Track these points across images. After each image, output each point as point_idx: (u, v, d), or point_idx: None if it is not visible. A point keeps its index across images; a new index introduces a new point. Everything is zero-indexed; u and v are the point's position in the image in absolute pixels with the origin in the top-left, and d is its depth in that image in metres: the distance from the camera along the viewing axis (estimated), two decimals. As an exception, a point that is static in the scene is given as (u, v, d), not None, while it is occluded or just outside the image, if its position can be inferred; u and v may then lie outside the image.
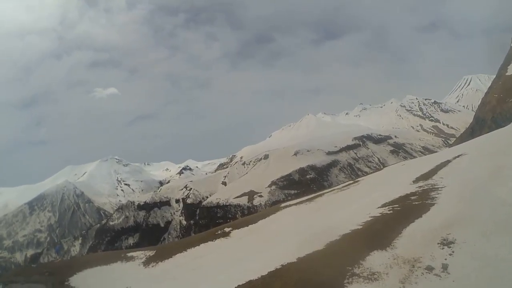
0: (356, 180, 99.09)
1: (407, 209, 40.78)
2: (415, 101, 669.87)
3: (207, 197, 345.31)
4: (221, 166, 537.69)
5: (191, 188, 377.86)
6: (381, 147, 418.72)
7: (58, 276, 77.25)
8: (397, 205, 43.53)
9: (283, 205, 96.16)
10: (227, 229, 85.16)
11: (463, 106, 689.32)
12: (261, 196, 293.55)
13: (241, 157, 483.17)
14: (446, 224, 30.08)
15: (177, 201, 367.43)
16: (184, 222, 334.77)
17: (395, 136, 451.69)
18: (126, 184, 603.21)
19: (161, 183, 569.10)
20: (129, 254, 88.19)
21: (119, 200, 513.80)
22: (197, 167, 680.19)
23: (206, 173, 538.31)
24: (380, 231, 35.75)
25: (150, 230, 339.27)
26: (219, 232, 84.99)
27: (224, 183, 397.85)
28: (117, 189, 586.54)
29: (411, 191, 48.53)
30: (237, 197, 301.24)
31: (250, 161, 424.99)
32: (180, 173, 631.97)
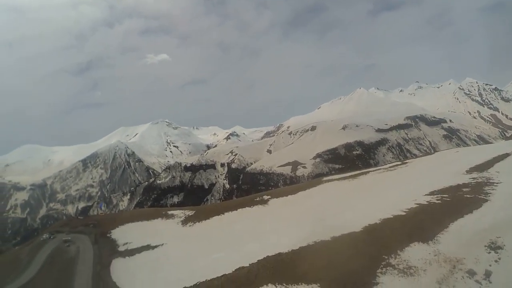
0: (405, 161, 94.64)
1: (457, 201, 37.79)
2: (474, 85, 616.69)
3: (252, 164, 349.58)
4: (268, 134, 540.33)
5: (237, 154, 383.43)
6: (434, 130, 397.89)
7: (101, 228, 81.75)
8: (446, 195, 40.49)
9: (325, 179, 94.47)
10: (266, 197, 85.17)
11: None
12: (304, 167, 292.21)
13: (288, 127, 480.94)
14: (497, 225, 27.05)
15: (222, 165, 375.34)
16: (227, 186, 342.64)
17: (450, 121, 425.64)
18: (174, 146, 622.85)
19: (208, 147, 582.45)
20: (170, 212, 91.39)
21: (167, 161, 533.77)
22: (244, 133, 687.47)
23: (253, 140, 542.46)
24: (425, 222, 33.47)
25: (195, 190, 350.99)
26: (257, 199, 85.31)
27: (269, 151, 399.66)
28: (166, 150, 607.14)
29: (464, 182, 45.27)
30: (281, 166, 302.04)
31: (297, 132, 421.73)
32: (227, 138, 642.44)
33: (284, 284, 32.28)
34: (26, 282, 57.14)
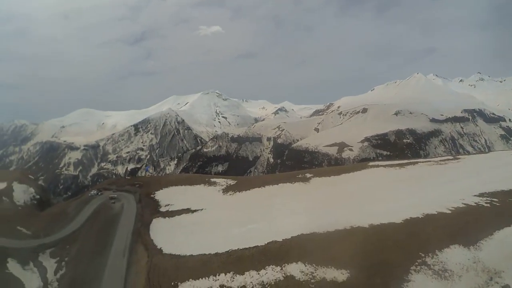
0: (457, 157, 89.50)
1: (507, 208, 35.30)
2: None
3: (298, 140, 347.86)
4: (317, 113, 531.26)
5: (284, 129, 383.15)
6: (492, 128, 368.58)
7: (146, 188, 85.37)
8: (496, 200, 37.90)
9: (371, 163, 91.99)
10: (308, 175, 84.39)
11: None
12: (351, 150, 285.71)
13: (338, 107, 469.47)
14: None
15: (268, 139, 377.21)
16: (271, 160, 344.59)
17: (510, 120, 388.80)
18: (223, 117, 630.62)
19: (256, 120, 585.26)
20: (213, 180, 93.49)
21: (215, 131, 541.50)
22: (292, 109, 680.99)
23: (301, 117, 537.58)
24: (470, 225, 31.74)
25: (239, 161, 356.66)
26: (299, 176, 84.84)
27: (317, 130, 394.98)
28: (214, 120, 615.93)
29: (518, 189, 42.46)
30: (327, 146, 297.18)
31: (347, 112, 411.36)
32: (275, 113, 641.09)
33: (313, 264, 32.28)
34: (70, 233, 61.32)
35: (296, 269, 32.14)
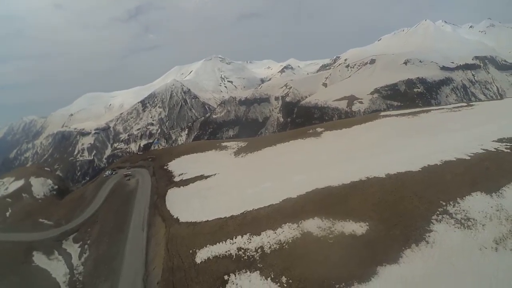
0: (471, 103, 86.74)
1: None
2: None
3: (306, 97, 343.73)
4: (324, 67, 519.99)
5: (291, 87, 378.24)
6: (504, 75, 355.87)
7: (159, 161, 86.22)
8: (517, 145, 36.68)
9: (382, 113, 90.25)
10: (319, 129, 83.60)
11: None
12: (361, 102, 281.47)
13: (345, 59, 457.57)
14: None
15: (276, 98, 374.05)
16: (281, 119, 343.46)
17: None
18: (229, 81, 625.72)
19: (262, 81, 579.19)
20: (224, 144, 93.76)
21: (222, 96, 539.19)
22: (298, 66, 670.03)
23: (308, 73, 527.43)
24: (490, 170, 30.42)
25: (249, 124, 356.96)
26: (310, 131, 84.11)
27: (325, 85, 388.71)
28: (220, 85, 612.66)
29: (538, 133, 40.21)
30: (336, 100, 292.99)
31: (355, 64, 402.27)
32: (281, 71, 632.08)
33: (331, 219, 31.72)
34: (90, 215, 62.71)
35: (313, 225, 31.65)
